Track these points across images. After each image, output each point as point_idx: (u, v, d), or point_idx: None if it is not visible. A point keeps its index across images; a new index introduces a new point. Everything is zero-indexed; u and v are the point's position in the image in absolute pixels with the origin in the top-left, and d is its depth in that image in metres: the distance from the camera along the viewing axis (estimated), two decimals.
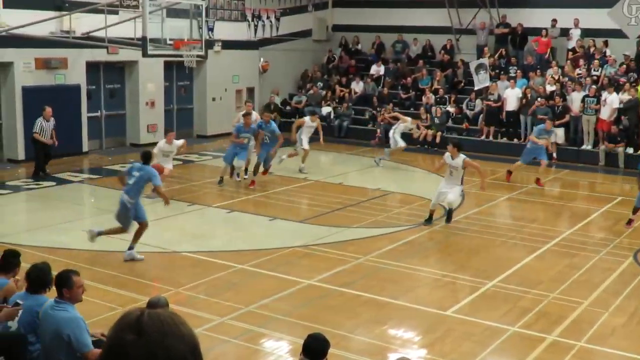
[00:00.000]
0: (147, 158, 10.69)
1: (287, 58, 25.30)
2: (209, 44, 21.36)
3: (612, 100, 19.50)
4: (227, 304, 8.75)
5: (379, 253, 11.14)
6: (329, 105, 23.82)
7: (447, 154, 12.52)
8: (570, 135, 20.01)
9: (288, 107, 24.60)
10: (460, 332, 8.28)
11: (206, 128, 22.39)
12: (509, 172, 16.49)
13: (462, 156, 12.38)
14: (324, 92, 24.42)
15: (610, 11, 22.11)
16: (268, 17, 24.29)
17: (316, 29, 26.46)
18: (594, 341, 8.10)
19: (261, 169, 15.67)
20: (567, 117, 20.01)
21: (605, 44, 22.14)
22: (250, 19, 23.59)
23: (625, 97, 19.60)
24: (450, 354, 7.54)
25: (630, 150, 18.95)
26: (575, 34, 22.56)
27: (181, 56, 20.27)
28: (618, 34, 22.05)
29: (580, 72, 21.36)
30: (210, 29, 21.87)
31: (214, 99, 22.38)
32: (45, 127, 15.90)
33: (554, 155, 19.16)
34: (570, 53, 22.33)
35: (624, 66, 21.17)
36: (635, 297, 9.55)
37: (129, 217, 10.17)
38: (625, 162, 18.70)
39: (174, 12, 20.10)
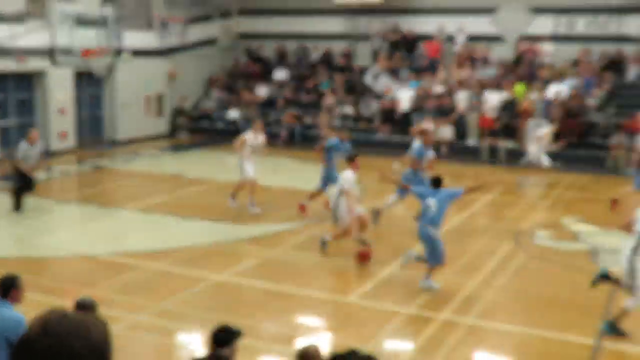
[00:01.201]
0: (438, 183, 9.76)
1: (195, 65, 25.12)
2: (118, 52, 21.06)
3: (493, 99, 20.43)
4: (141, 301, 8.72)
5: (285, 247, 11.32)
6: (236, 108, 23.78)
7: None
8: (457, 131, 20.73)
9: (197, 112, 24.55)
10: (361, 316, 8.53)
11: (116, 133, 21.93)
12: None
13: None
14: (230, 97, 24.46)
15: (492, 18, 23.10)
16: (175, 26, 24.01)
17: (222, 36, 26.33)
18: (482, 317, 8.53)
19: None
20: (454, 115, 20.75)
21: (488, 48, 23.05)
22: (157, 28, 23.25)
23: (504, 96, 20.56)
24: (353, 337, 7.69)
25: (510, 145, 19.84)
26: (461, 39, 23.35)
27: (90, 64, 19.98)
28: (499, 39, 23.07)
29: (465, 74, 22.12)
30: (119, 38, 21.43)
31: (123, 106, 21.92)
32: (31, 154, 12.84)
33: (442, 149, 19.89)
34: (456, 56, 23.07)
35: (503, 68, 22.14)
36: (516, 276, 10.07)
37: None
38: (507, 156, 19.63)
39: (82, 22, 19.70)
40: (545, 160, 18.64)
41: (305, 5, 25.22)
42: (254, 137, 13.07)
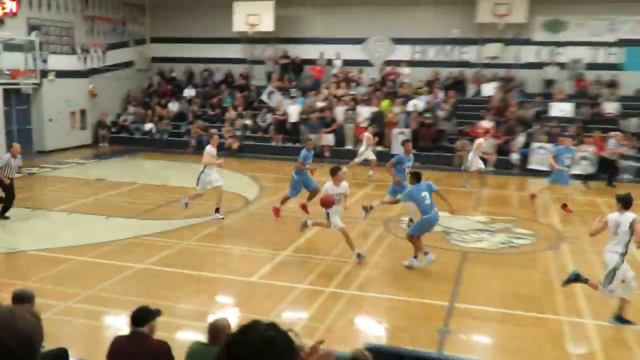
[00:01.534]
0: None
1: (114, 84, 24.22)
2: (44, 73, 20.20)
3: (365, 112, 20.97)
4: (71, 290, 8.34)
5: (197, 238, 11.14)
6: (151, 122, 23.23)
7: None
8: (337, 138, 21.13)
9: (117, 125, 23.71)
10: (263, 293, 8.55)
11: (44, 145, 20.78)
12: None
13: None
14: (145, 112, 23.82)
15: (362, 46, 23.73)
16: (96, 51, 23.15)
17: (137, 60, 25.60)
18: (360, 288, 8.75)
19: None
20: (334, 126, 21.13)
21: (360, 71, 23.63)
22: (79, 52, 22.32)
23: (373, 109, 21.15)
24: (256, 310, 7.73)
25: (380, 148, 20.42)
26: (338, 63, 23.82)
27: (18, 84, 19.14)
28: (368, 63, 23.73)
29: (342, 92, 22.58)
30: (45, 61, 20.47)
31: (50, 120, 20.78)
32: (12, 164, 11.97)
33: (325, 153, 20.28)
34: (335, 77, 23.51)
35: (372, 87, 22.77)
36: (386, 255, 10.40)
37: None
38: (378, 157, 20.16)
39: (10, 47, 18.80)
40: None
41: (209, 35, 24.91)
42: (213, 150, 12.56)
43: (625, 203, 7.60)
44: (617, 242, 7.50)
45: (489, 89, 22.04)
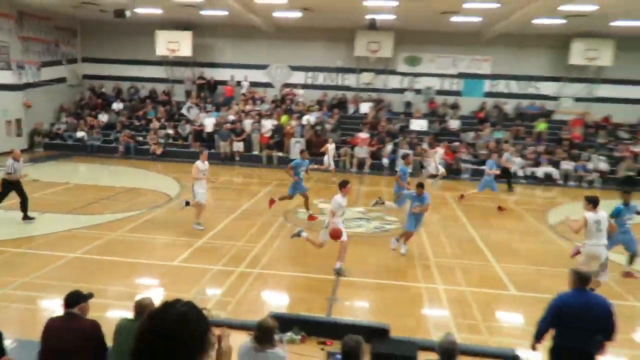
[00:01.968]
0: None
1: (48, 97, 22.22)
2: None
3: (268, 125, 20.81)
4: (9, 278, 7.57)
5: (125, 230, 10.50)
6: (82, 130, 21.59)
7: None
8: (246, 145, 20.80)
9: (51, 133, 21.74)
10: (184, 275, 8.20)
11: None
12: None
13: None
14: (78, 122, 22.10)
15: (265, 71, 23.55)
16: (31, 68, 21.14)
17: (70, 76, 23.66)
18: (265, 268, 8.63)
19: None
20: (243, 135, 20.79)
21: (264, 91, 23.43)
22: (14, 69, 20.29)
23: (274, 122, 21.05)
24: (178, 290, 7.45)
25: (280, 154, 20.39)
26: (246, 84, 23.49)
27: None
28: (270, 85, 23.59)
29: (249, 107, 22.27)
30: None
31: None
32: (17, 168, 10.64)
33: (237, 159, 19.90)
34: (243, 96, 23.15)
35: (274, 104, 22.67)
36: (285, 240, 10.31)
37: None
38: (278, 161, 20.14)
39: None
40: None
41: (135, 57, 23.64)
42: (202, 164, 10.86)
43: (595, 203, 7.42)
44: (600, 236, 7.36)
45: (365, 108, 22.71)
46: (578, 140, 20.52)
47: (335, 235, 8.32)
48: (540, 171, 19.17)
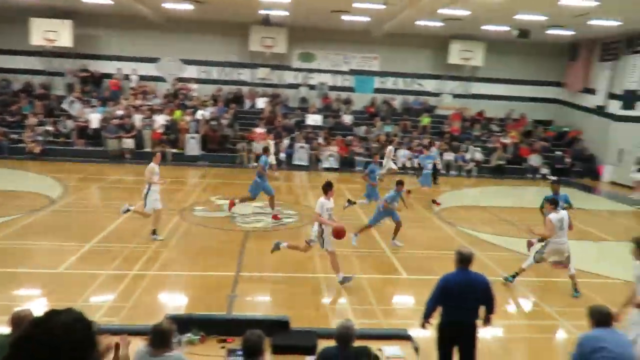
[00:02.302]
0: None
1: None
2: None
3: (160, 120, 19.85)
4: None
5: (2, 237, 9.45)
6: None
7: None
8: (137, 142, 19.67)
9: None
10: (70, 282, 7.54)
11: None
12: None
13: None
14: None
15: (156, 65, 22.41)
16: None
17: None
18: (161, 269, 8.25)
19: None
20: (133, 131, 19.63)
21: (155, 85, 22.30)
22: None
23: (167, 117, 20.14)
24: (63, 299, 6.83)
25: (175, 150, 19.58)
26: (135, 78, 22.18)
27: None
28: (162, 79, 22.51)
29: (139, 102, 21.08)
30: None
31: None
32: None
33: (127, 155, 18.75)
34: (132, 90, 21.86)
35: (166, 99, 21.68)
36: (183, 238, 9.96)
37: None
38: (173, 158, 19.33)
39: None
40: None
41: (7, 46, 21.23)
42: (156, 167, 9.82)
43: (557, 204, 7.68)
44: (563, 234, 7.58)
45: (261, 103, 22.57)
46: (457, 133, 22.22)
47: (341, 233, 7.63)
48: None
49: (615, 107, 20.51)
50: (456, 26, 19.89)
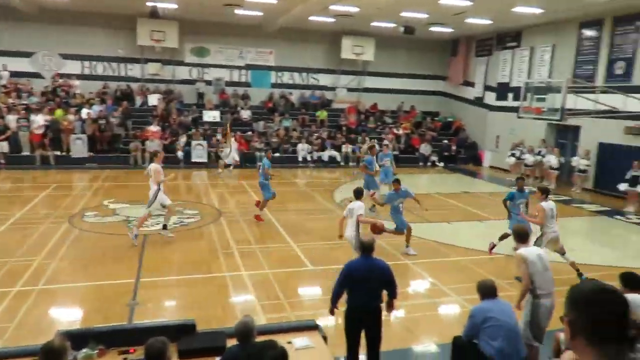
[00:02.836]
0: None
1: None
2: None
3: (39, 120, 18.09)
4: None
5: None
6: None
7: None
8: (12, 145, 17.80)
9: None
10: None
11: None
12: None
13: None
14: None
15: (31, 60, 20.39)
16: None
17: None
18: (49, 282, 7.54)
19: None
20: (8, 133, 17.72)
21: (29, 81, 20.29)
22: None
23: (47, 117, 18.40)
24: None
25: (58, 153, 18.02)
26: (5, 74, 19.98)
27: None
28: (39, 75, 20.52)
29: (12, 101, 19.05)
30: None
31: None
32: None
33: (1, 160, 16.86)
34: (4, 88, 19.69)
35: (45, 97, 19.82)
36: (73, 247, 9.25)
37: None
38: (56, 161, 17.78)
39: None
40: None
41: None
42: (160, 166, 9.64)
43: (548, 193, 7.95)
44: (554, 222, 7.83)
45: (153, 100, 21.53)
46: (353, 126, 22.98)
47: (379, 228, 7.93)
48: (325, 155, 20.92)
49: (491, 98, 22.53)
50: (347, 22, 20.50)
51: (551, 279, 5.21)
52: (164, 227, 9.90)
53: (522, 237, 5.54)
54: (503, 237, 9.36)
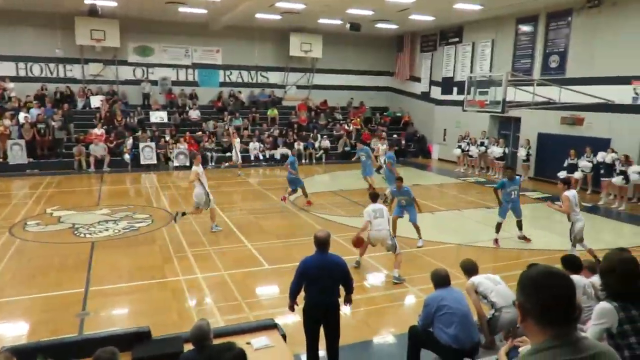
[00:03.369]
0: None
1: None
2: None
3: None
4: None
5: None
6: None
7: None
8: None
9: None
10: None
11: None
12: None
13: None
14: None
15: None
16: None
17: None
18: None
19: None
20: None
21: None
22: None
23: None
24: None
25: None
26: None
27: None
28: None
29: None
30: None
31: None
32: None
33: None
34: None
35: None
36: (15, 259, 8.77)
37: None
38: None
39: None
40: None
41: None
42: (198, 168, 10.30)
43: (570, 184, 8.49)
44: (579, 210, 8.27)
45: (96, 102, 20.72)
46: (304, 123, 23.00)
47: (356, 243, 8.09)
48: (277, 153, 20.83)
49: (436, 92, 23.16)
50: (294, 19, 20.47)
51: (507, 292, 5.22)
52: (183, 213, 10.56)
53: (470, 271, 5.55)
54: (498, 227, 9.91)
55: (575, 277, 5.16)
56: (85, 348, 4.53)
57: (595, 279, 5.33)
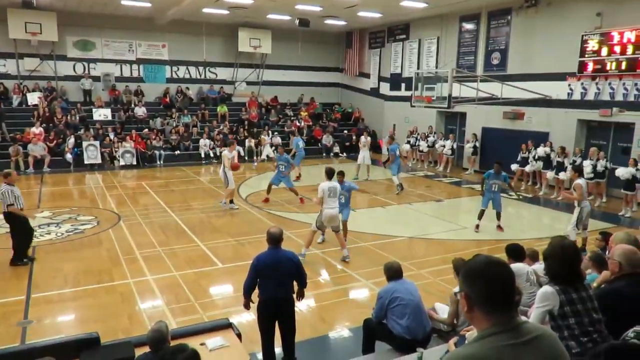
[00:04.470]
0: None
1: None
2: None
3: None
4: None
5: None
6: None
7: None
8: None
9: None
10: None
11: None
12: None
13: None
14: None
15: None
16: None
17: None
18: None
19: None
20: None
21: None
22: None
23: None
24: None
25: None
26: None
27: None
28: None
29: None
30: None
31: None
32: (17, 194, 7.96)
33: None
34: None
35: None
36: None
37: None
38: None
39: None
40: None
41: None
42: (230, 153, 12.07)
43: (581, 172, 9.15)
44: (586, 198, 8.67)
45: (33, 99, 19.66)
46: (255, 120, 22.81)
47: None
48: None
49: (385, 88, 23.56)
50: (243, 14, 20.22)
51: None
52: (231, 201, 12.24)
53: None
54: (480, 214, 10.56)
55: (518, 265, 5.43)
56: (29, 358, 4.33)
57: (537, 267, 5.62)
